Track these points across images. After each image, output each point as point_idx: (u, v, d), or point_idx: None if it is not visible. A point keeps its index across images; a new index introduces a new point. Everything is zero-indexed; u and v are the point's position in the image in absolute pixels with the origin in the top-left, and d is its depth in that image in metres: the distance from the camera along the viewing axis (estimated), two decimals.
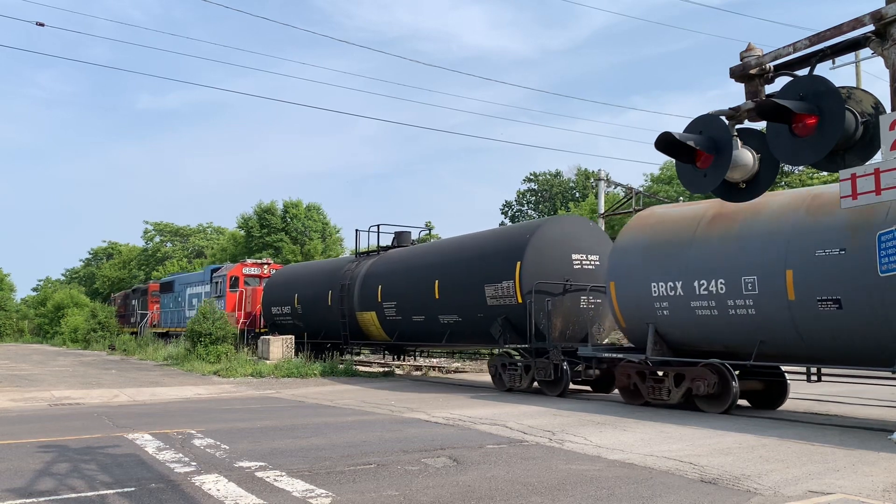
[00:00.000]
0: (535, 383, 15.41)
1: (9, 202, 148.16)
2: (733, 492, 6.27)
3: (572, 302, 15.47)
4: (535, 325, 14.90)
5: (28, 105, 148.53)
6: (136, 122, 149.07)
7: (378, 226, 23.04)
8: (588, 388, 15.72)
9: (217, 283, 30.23)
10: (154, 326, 38.85)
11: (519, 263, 15.21)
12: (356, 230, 23.36)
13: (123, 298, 49.58)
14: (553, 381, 14.75)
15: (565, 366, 14.45)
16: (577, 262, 15.67)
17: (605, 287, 13.92)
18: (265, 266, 30.29)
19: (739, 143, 4.85)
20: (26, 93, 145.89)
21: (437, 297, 17.63)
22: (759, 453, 8.09)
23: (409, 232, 22.91)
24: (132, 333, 42.38)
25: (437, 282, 17.66)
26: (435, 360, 25.66)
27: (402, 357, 24.11)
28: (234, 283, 29.51)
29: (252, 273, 29.96)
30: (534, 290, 14.87)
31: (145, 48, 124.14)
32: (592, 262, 15.87)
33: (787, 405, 12.66)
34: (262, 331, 27.41)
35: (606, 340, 16.58)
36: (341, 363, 25.13)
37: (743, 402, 12.65)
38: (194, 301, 32.03)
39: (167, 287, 37.91)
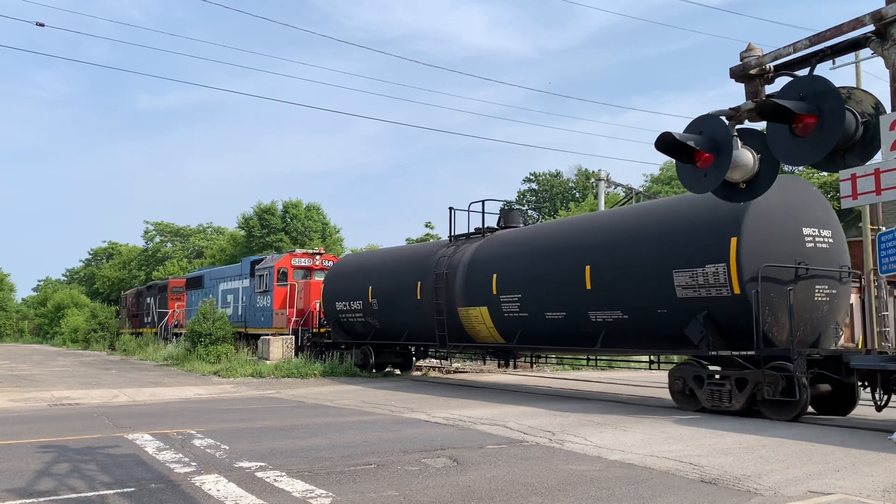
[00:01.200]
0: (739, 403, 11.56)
1: (9, 202, 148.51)
2: (733, 492, 6.27)
3: (805, 293, 11.70)
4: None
5: (28, 105, 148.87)
6: (136, 122, 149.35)
7: (483, 202, 18.91)
8: (811, 408, 11.74)
9: (261, 276, 26.27)
10: (177, 326, 35.17)
11: (734, 240, 11.44)
12: (450, 209, 18.91)
13: (136, 296, 45.67)
14: (780, 402, 11.07)
15: (805, 381, 10.75)
16: (809, 240, 11.92)
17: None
18: (317, 257, 26.39)
19: (739, 143, 4.85)
20: (26, 93, 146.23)
21: (588, 287, 13.78)
22: (760, 453, 8.09)
23: (518, 209, 19.47)
24: (134, 334, 40.37)
25: (587, 268, 13.80)
26: (435, 361, 24.80)
27: (512, 364, 20.63)
28: (283, 276, 25.38)
29: (302, 265, 25.94)
30: (760, 275, 11.14)
31: (145, 48, 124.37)
32: (826, 240, 12.17)
33: None
34: (321, 331, 23.69)
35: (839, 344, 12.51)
36: (436, 369, 23.22)
37: None
38: (229, 298, 28.69)
39: (195, 283, 34.08)
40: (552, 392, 16.36)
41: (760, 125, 4.92)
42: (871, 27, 4.28)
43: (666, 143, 4.94)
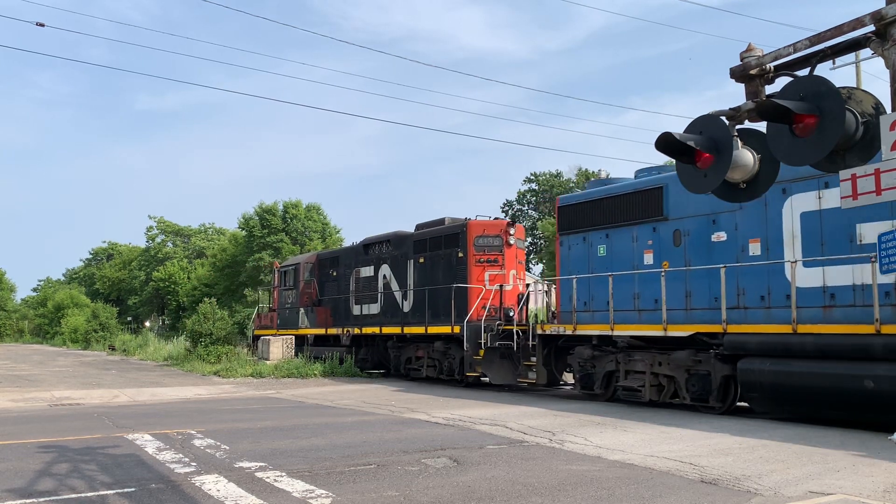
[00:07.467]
0: None
1: (9, 202, 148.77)
2: (733, 492, 6.27)
3: None
4: None
5: (28, 105, 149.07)
6: (136, 122, 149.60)
7: None
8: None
9: None
10: (499, 321, 16.62)
11: None
12: None
13: (319, 267, 25.06)
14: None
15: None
16: None
17: None
18: None
19: (740, 143, 4.84)
20: (26, 93, 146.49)
21: None
22: (760, 454, 8.09)
23: None
24: (317, 339, 24.02)
25: None
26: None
27: None
28: None
29: None
30: None
31: (144, 48, 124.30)
32: None
33: None
34: None
35: None
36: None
37: None
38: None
39: (588, 215, 14.89)
40: None
41: (760, 125, 4.92)
42: (871, 27, 4.27)
43: (666, 143, 4.94)
